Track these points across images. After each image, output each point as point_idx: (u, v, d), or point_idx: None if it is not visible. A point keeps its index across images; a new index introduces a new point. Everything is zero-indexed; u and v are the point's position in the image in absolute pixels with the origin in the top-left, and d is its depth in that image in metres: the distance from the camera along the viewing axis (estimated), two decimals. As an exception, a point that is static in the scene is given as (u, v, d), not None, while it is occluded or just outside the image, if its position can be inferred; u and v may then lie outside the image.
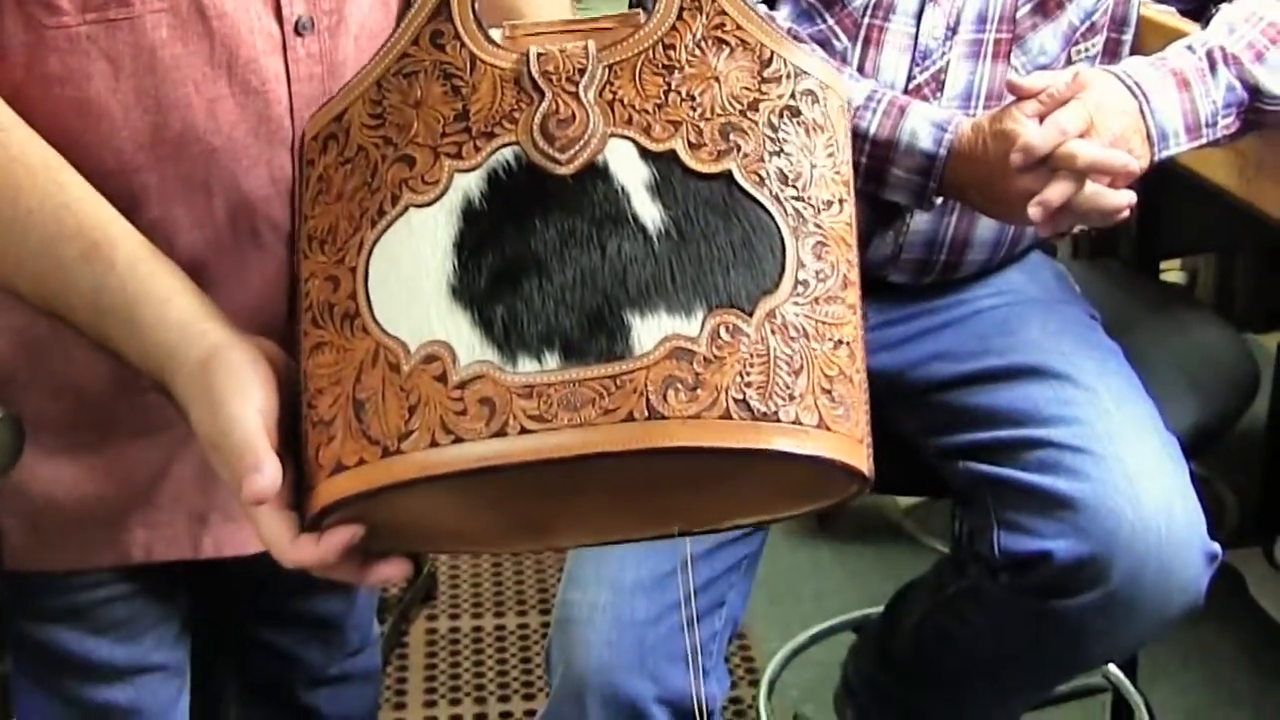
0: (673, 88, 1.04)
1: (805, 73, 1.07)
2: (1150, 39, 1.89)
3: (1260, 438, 2.91)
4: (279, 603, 1.53)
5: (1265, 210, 1.98)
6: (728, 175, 1.02)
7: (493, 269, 0.99)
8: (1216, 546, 1.69)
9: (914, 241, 1.81)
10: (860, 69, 1.76)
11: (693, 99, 1.04)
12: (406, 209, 1.02)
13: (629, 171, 1.02)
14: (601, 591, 1.74)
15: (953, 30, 1.75)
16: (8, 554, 1.30)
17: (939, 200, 1.72)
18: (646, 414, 0.96)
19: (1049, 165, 1.57)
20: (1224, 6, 1.79)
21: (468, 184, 1.02)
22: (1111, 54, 1.84)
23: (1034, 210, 1.56)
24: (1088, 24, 1.80)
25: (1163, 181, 1.79)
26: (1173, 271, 3.33)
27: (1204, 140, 1.69)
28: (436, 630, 2.87)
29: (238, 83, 1.20)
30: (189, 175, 1.22)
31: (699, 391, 0.96)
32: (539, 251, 1.00)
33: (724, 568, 1.81)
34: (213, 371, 1.05)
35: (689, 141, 1.02)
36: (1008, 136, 1.60)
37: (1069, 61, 1.80)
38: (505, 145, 1.02)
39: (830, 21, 1.76)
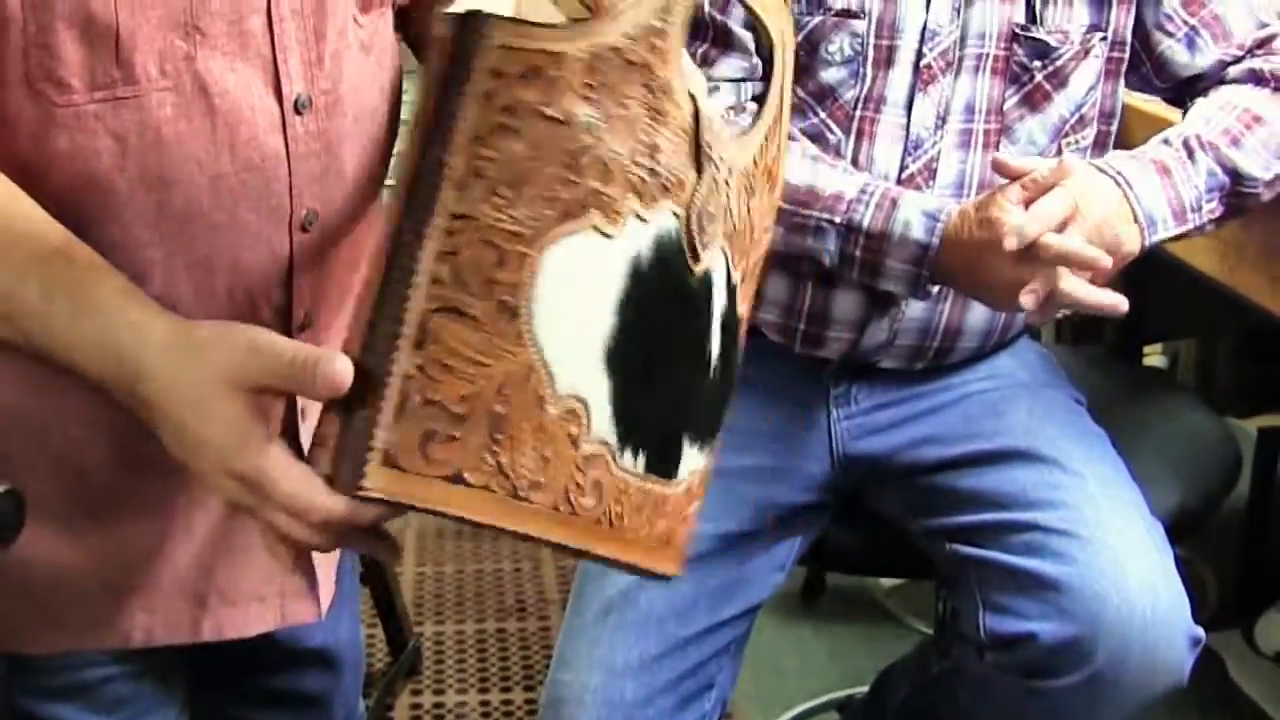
0: (749, 212, 1.02)
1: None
2: (1137, 129, 1.93)
3: (1240, 521, 2.92)
4: (265, 681, 1.52)
5: (1248, 296, 2.00)
6: (742, 319, 1.04)
7: (642, 349, 0.97)
8: (1200, 630, 1.70)
9: (908, 328, 1.83)
10: (854, 161, 1.78)
11: (750, 232, 1.03)
12: (591, 229, 0.95)
13: (719, 296, 1.01)
14: (593, 674, 1.75)
15: (942, 120, 1.78)
16: (7, 636, 1.30)
17: (934, 289, 1.74)
18: (666, 540, 1.01)
19: (1030, 253, 1.59)
20: (1199, 100, 1.82)
21: (640, 240, 0.97)
22: (1102, 145, 1.87)
23: (1026, 298, 1.58)
24: (1077, 116, 1.83)
25: (1146, 268, 1.81)
26: (1154, 355, 3.35)
27: (1190, 225, 1.72)
28: (421, 705, 2.86)
29: (239, 160, 1.21)
30: (191, 252, 1.22)
31: (688, 520, 1.03)
32: (670, 351, 0.99)
33: (713, 651, 1.82)
34: (197, 325, 1.05)
35: (740, 277, 1.03)
36: (993, 224, 1.62)
37: (1059, 153, 1.82)
38: (671, 213, 0.99)
39: (823, 115, 1.78)
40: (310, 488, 0.99)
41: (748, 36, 1.78)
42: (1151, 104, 2.00)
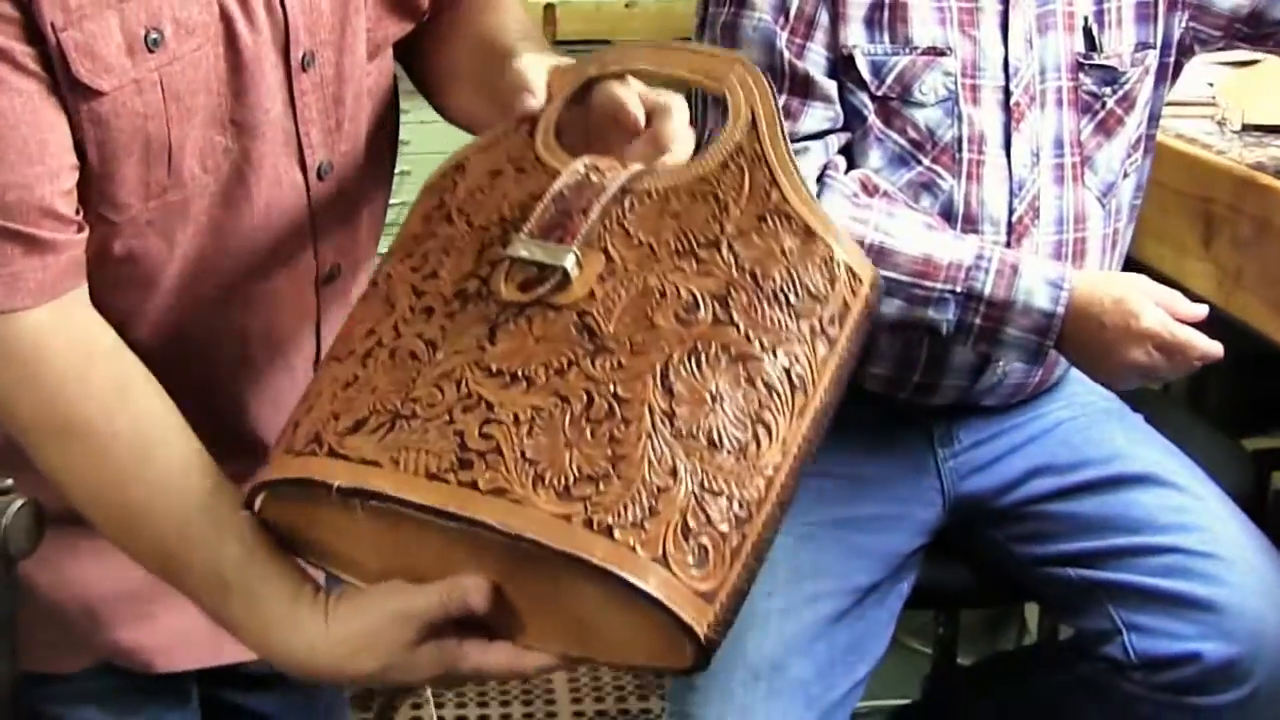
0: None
1: None
2: (1166, 162, 1.98)
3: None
4: (253, 663, 1.50)
5: (1244, 319, 2.02)
6: None
7: None
8: None
9: (1016, 367, 1.84)
10: (967, 205, 1.77)
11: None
12: None
13: None
14: None
15: (1036, 157, 1.78)
16: (35, 656, 1.30)
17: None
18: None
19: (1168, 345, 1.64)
20: None
21: None
22: (1147, 151, 1.90)
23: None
24: (1140, 134, 1.85)
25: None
26: (1146, 377, 3.37)
27: None
28: (420, 720, 2.89)
29: (272, 236, 1.24)
30: (230, 328, 1.26)
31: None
32: None
33: (846, 717, 1.82)
34: (345, 621, 1.06)
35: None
36: (1129, 309, 1.65)
37: (1125, 175, 1.85)
38: None
39: (927, 162, 1.77)
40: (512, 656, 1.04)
41: (830, 85, 1.75)
42: (1176, 140, 2.06)
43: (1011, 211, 1.78)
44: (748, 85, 1.10)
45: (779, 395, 1.00)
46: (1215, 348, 1.64)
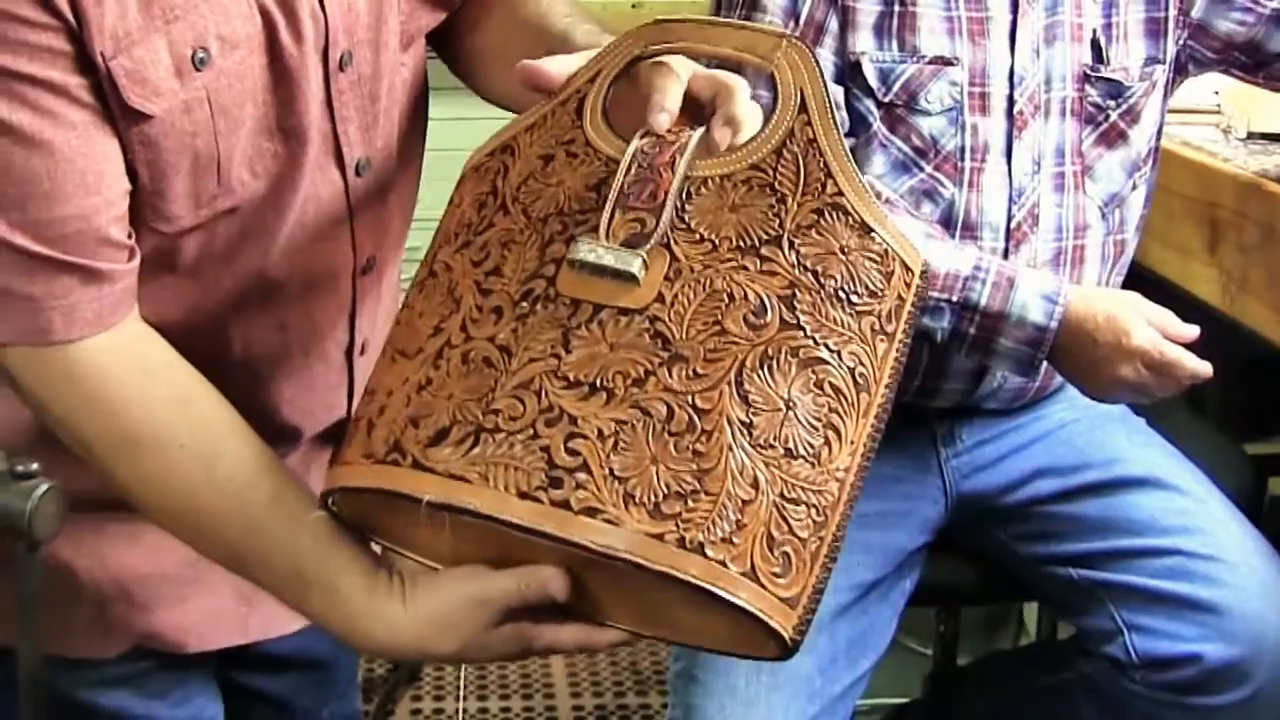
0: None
1: None
2: (1175, 170, 1.97)
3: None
4: (271, 645, 1.49)
5: (1248, 325, 2.04)
6: None
7: None
8: None
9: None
10: (966, 213, 1.79)
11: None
12: None
13: None
14: None
15: (1038, 165, 1.80)
16: (67, 642, 1.32)
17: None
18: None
19: (1158, 363, 1.66)
20: None
21: None
22: (1153, 164, 1.91)
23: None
24: (1149, 149, 1.87)
25: (1149, 296, 1.85)
26: (1147, 381, 3.37)
27: None
28: (421, 712, 2.89)
29: (313, 231, 1.25)
30: (268, 320, 1.27)
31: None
32: None
33: (848, 712, 1.84)
34: (421, 603, 1.08)
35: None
36: (1128, 332, 1.67)
37: (1134, 187, 1.87)
38: None
39: (929, 169, 1.78)
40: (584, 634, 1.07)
41: (837, 91, 1.77)
42: (1181, 146, 2.06)
43: (1010, 218, 1.80)
44: (795, 64, 1.08)
45: (846, 398, 1.02)
46: (1204, 367, 1.66)
